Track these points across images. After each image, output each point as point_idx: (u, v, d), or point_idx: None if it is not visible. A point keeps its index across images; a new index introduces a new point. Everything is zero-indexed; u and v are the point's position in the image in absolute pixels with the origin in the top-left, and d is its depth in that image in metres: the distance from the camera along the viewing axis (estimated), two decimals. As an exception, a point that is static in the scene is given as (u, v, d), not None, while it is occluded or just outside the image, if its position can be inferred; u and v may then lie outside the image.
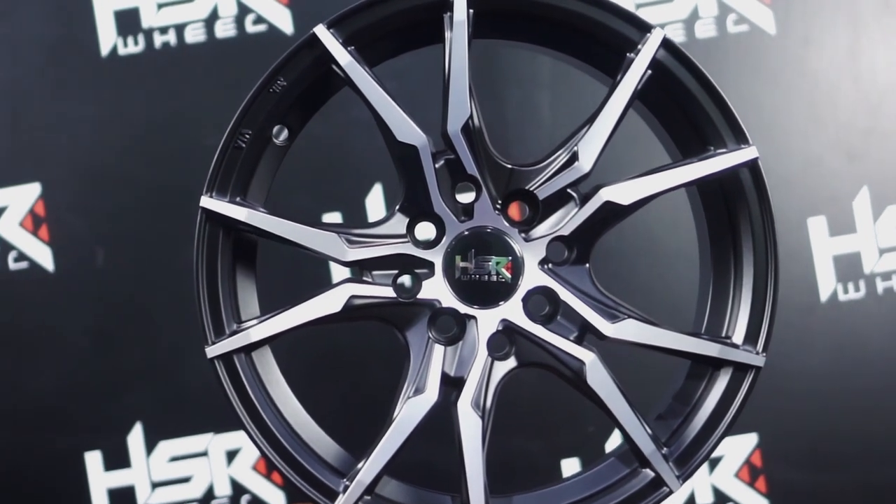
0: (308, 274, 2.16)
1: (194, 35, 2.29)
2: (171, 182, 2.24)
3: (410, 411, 1.35)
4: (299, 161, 2.12)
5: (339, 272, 2.21)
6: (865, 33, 2.31)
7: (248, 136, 1.35)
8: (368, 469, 1.35)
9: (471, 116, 1.34)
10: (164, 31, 2.27)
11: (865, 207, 2.32)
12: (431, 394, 1.36)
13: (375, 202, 2.26)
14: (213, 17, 2.28)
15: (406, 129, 1.35)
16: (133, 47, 2.27)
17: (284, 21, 2.33)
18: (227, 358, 1.36)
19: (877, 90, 2.31)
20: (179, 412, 2.28)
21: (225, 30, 2.28)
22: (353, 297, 1.36)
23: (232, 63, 2.27)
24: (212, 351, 1.35)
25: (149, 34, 2.28)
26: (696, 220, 1.50)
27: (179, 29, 2.28)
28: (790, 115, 2.30)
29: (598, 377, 1.37)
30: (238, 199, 1.37)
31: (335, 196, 2.27)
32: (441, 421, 1.38)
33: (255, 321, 1.37)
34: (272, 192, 1.41)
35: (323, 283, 2.08)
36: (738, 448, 2.32)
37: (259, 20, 2.28)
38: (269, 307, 1.39)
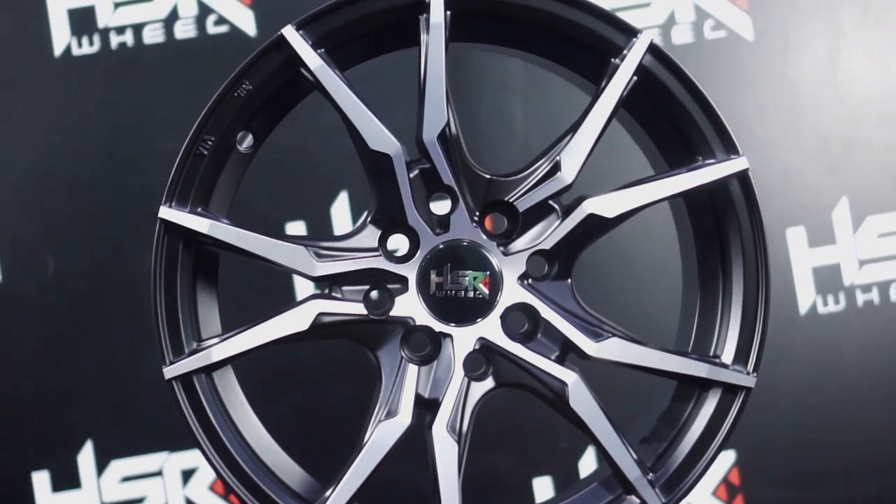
0: (275, 288, 2.12)
1: (153, 36, 2.25)
2: (127, 188, 2.19)
3: (382, 435, 1.32)
4: (261, 167, 2.09)
5: (303, 287, 2.17)
6: (845, 41, 2.31)
7: (210, 143, 1.31)
8: (337, 497, 1.32)
9: (448, 124, 1.32)
10: (120, 31, 2.23)
11: (845, 218, 2.31)
12: (404, 417, 1.32)
13: (341, 211, 2.23)
14: (172, 18, 2.24)
15: (379, 137, 1.32)
16: (88, 48, 2.23)
17: (247, 22, 2.28)
18: (185, 379, 1.32)
19: (856, 99, 2.31)
20: (132, 429, 2.22)
21: (185, 31, 2.24)
22: (321, 314, 1.32)
23: (192, 65, 2.22)
24: (170, 371, 1.31)
25: (105, 34, 2.24)
26: (680, 232, 1.48)
27: (137, 29, 2.24)
28: (769, 124, 2.29)
29: (581, 399, 1.33)
30: (199, 209, 1.33)
31: (299, 204, 2.23)
32: (415, 441, 1.35)
33: (216, 339, 1.33)
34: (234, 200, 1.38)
35: (290, 297, 2.02)
36: (715, 466, 2.19)
37: (221, 21, 2.24)
38: (232, 324, 1.35)
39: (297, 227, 2.23)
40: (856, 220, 2.31)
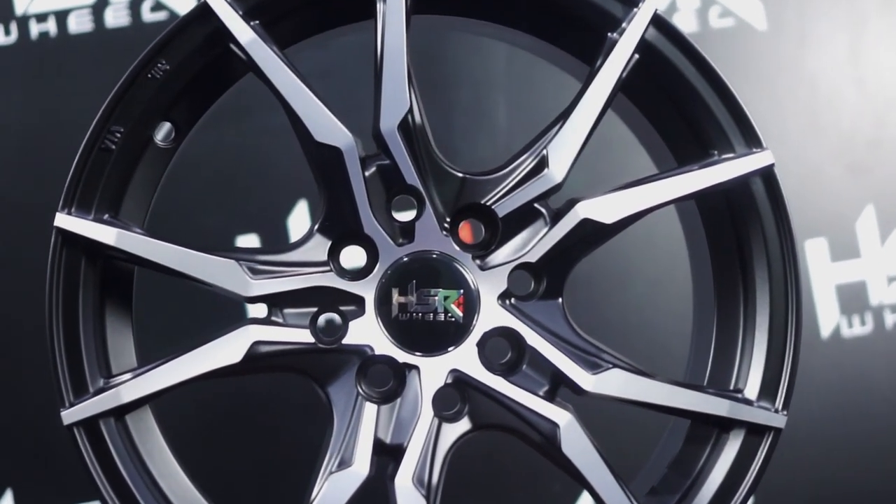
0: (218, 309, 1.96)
1: (79, 24, 2.18)
2: (43, 197, 2.00)
3: (333, 490, 1.25)
4: (208, 174, 2.14)
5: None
6: (868, 31, 2.26)
7: (118, 135, 1.25)
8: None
9: (410, 110, 1.25)
10: (42, 18, 2.17)
11: (871, 228, 2.26)
12: (361, 467, 1.26)
13: (300, 223, 2.18)
14: (102, 4, 2.18)
15: (326, 127, 1.25)
16: (4, 37, 2.16)
17: (189, 7, 2.15)
18: (90, 424, 1.25)
19: (883, 96, 2.26)
20: (56, 477, 2.14)
21: (116, 18, 2.18)
22: (258, 343, 1.26)
23: (126, 58, 2.04)
24: (69, 416, 1.24)
25: (23, 22, 2.17)
26: (690, 241, 1.44)
27: (61, 17, 2.17)
28: (785, 124, 2.23)
29: (576, 443, 1.28)
30: (106, 216, 1.26)
31: (251, 216, 2.18)
32: (374, 497, 1.30)
33: (128, 375, 1.26)
34: (166, 209, 1.36)
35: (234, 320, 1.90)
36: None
37: (158, 6, 2.18)
38: (152, 355, 1.28)
39: (249, 242, 2.19)
40: (883, 230, 2.26)
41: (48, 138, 2.18)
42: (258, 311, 1.28)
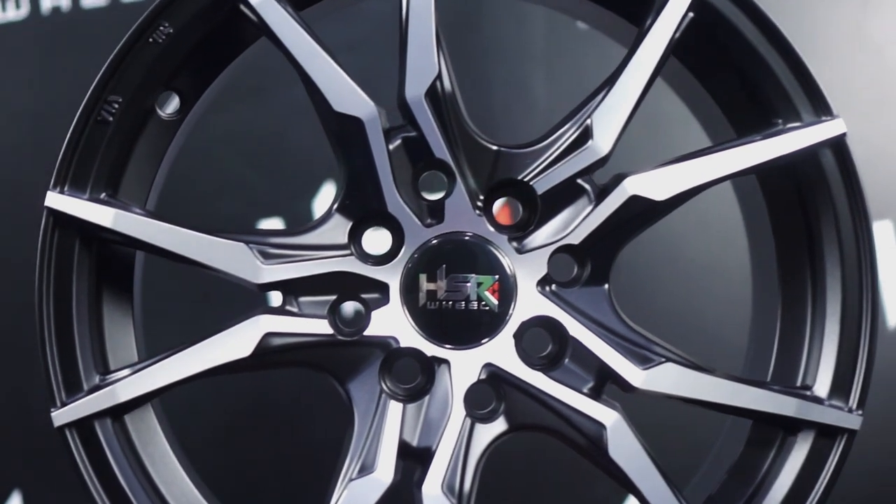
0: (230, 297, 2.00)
1: None
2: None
3: (353, 499, 1.22)
4: (228, 155, 2.14)
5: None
6: None
7: (117, 106, 1.23)
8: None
9: (439, 76, 1.22)
10: None
11: None
12: (384, 473, 1.23)
13: (326, 206, 2.08)
14: None
15: (346, 95, 1.23)
16: (14, 12, 2.19)
17: None
18: (84, 425, 1.22)
19: None
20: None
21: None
22: (270, 334, 1.23)
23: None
24: (61, 416, 1.21)
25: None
26: (748, 221, 1.43)
27: None
28: (846, 95, 2.16)
29: (624, 446, 1.24)
30: (103, 195, 1.23)
31: (274, 198, 2.17)
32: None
33: (127, 371, 1.24)
34: (181, 193, 1.41)
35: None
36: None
37: None
38: (156, 348, 1.26)
39: (272, 226, 2.18)
40: (957, 209, 2.27)
41: (59, 119, 2.18)
42: (272, 299, 1.26)
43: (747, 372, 1.38)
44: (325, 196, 2.16)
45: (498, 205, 1.28)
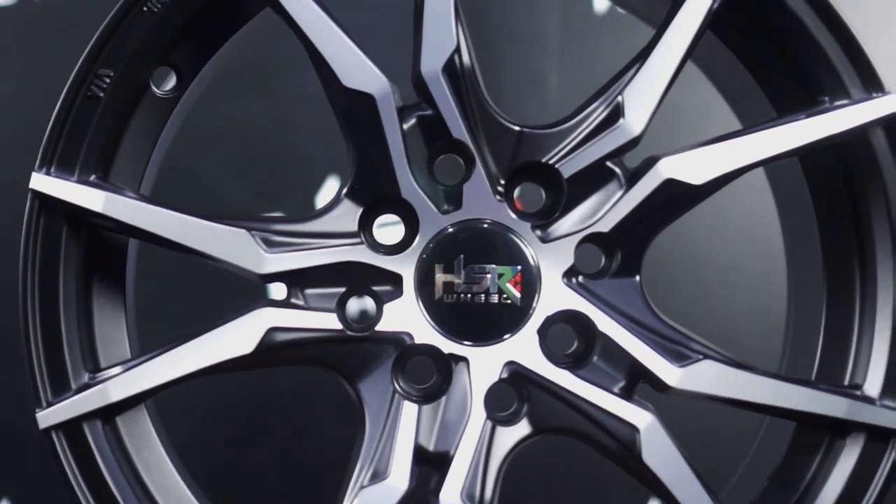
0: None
1: None
2: None
3: None
4: (228, 146, 2.08)
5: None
6: None
7: (108, 81, 1.20)
8: None
9: (457, 50, 1.19)
10: None
11: None
12: (398, 480, 1.21)
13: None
14: None
15: (357, 70, 1.20)
16: None
17: None
18: (72, 427, 1.20)
19: None
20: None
21: None
22: (273, 329, 1.20)
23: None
24: (47, 417, 1.19)
25: None
26: (782, 209, 1.45)
27: None
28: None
29: (659, 450, 1.22)
30: (93, 177, 1.20)
31: (277, 192, 2.11)
32: None
33: (118, 369, 1.22)
34: (180, 184, 1.40)
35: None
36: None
37: None
38: (150, 344, 1.25)
39: None
40: None
41: (51, 108, 2.17)
42: (277, 291, 1.23)
43: (784, 369, 1.37)
44: (330, 190, 2.11)
45: (521, 190, 1.27)
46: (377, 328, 1.23)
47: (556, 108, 2.17)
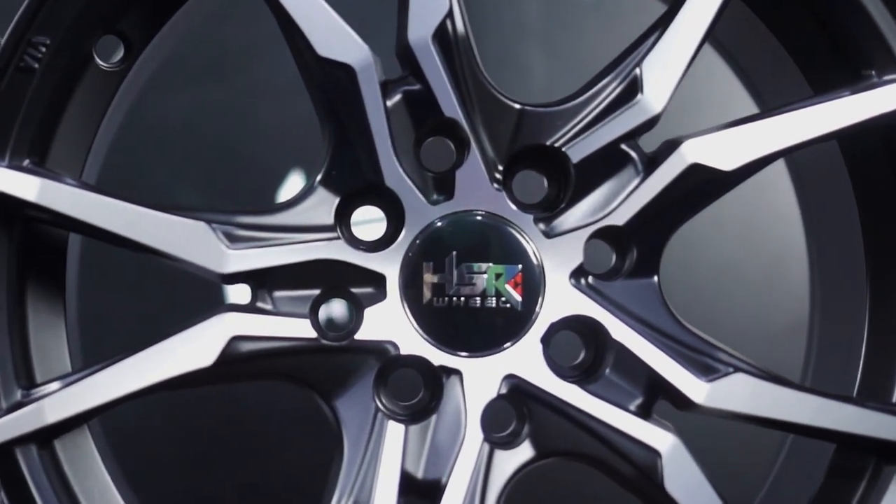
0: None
1: None
2: None
3: None
4: (186, 139, 2.09)
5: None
6: None
7: (44, 50, 1.13)
8: None
9: (450, 14, 1.13)
10: None
11: None
12: None
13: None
14: None
15: (334, 37, 1.13)
16: None
17: None
18: (1, 453, 1.13)
19: None
20: None
21: None
22: (237, 338, 1.13)
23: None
24: None
25: None
26: (805, 206, 1.45)
27: None
28: None
29: (684, 477, 1.15)
30: (27, 161, 1.13)
31: (239, 190, 2.09)
32: None
33: (56, 385, 1.14)
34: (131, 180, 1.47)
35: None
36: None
37: None
38: (95, 356, 1.18)
39: None
40: None
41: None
42: (239, 293, 1.17)
43: (812, 382, 1.36)
44: (294, 187, 2.11)
45: (523, 177, 1.19)
46: (356, 336, 1.16)
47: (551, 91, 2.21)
